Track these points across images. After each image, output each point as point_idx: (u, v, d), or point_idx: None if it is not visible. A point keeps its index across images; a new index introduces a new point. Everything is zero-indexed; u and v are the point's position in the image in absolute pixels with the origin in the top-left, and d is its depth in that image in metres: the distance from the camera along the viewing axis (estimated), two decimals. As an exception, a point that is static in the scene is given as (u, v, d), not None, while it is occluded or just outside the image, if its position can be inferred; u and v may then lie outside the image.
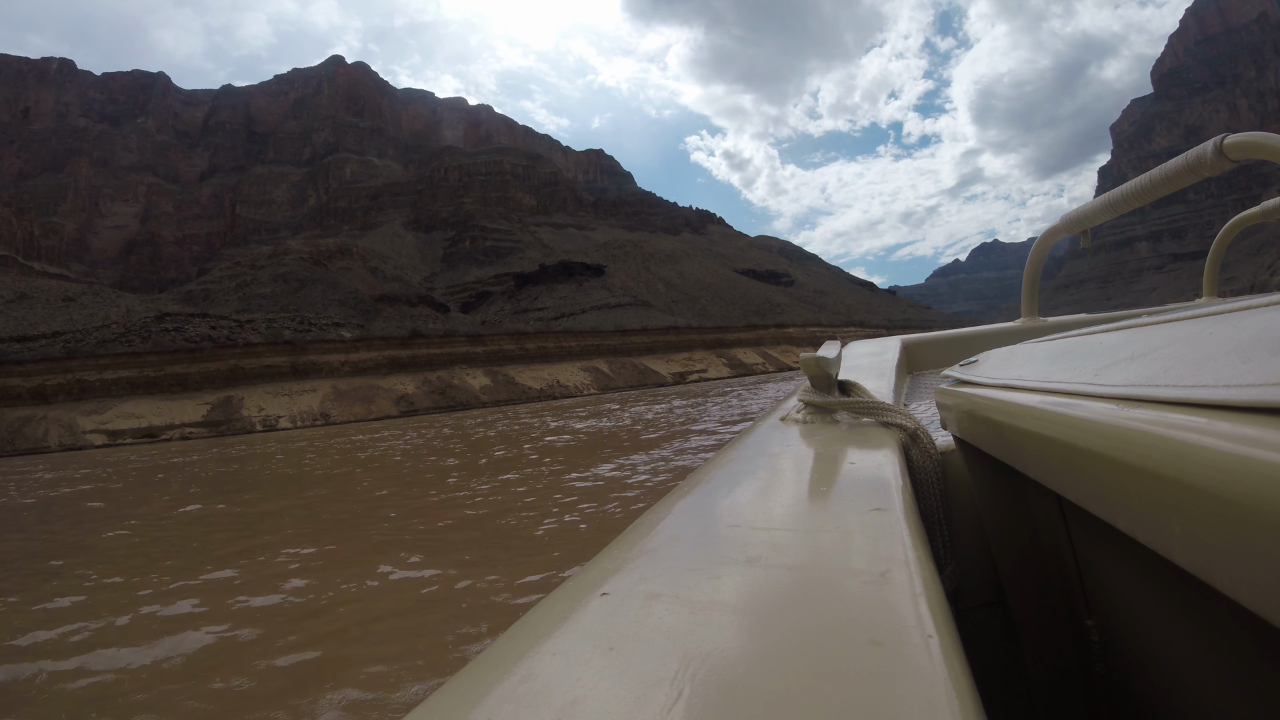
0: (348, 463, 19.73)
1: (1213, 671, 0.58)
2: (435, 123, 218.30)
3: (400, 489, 13.25)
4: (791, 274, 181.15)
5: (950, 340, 3.37)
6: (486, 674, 0.37)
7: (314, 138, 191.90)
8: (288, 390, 55.67)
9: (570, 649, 0.38)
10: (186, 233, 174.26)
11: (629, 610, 0.42)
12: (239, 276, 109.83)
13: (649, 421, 23.94)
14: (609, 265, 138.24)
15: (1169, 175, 2.12)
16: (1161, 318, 0.77)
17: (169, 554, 8.86)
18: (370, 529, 9.33)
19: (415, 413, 56.23)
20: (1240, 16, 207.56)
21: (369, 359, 64.04)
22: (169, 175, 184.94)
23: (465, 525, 9.08)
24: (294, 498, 13.41)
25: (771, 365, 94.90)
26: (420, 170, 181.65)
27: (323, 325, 69.72)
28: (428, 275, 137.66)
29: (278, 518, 11.03)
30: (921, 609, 0.39)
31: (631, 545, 0.56)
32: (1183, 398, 0.44)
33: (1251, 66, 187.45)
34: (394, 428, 37.55)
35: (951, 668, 0.33)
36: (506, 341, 77.47)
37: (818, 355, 1.05)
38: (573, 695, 0.33)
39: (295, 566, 7.55)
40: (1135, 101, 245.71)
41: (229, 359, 57.39)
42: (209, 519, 11.59)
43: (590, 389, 72.53)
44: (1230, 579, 0.35)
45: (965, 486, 1.17)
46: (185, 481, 18.36)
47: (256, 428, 49.85)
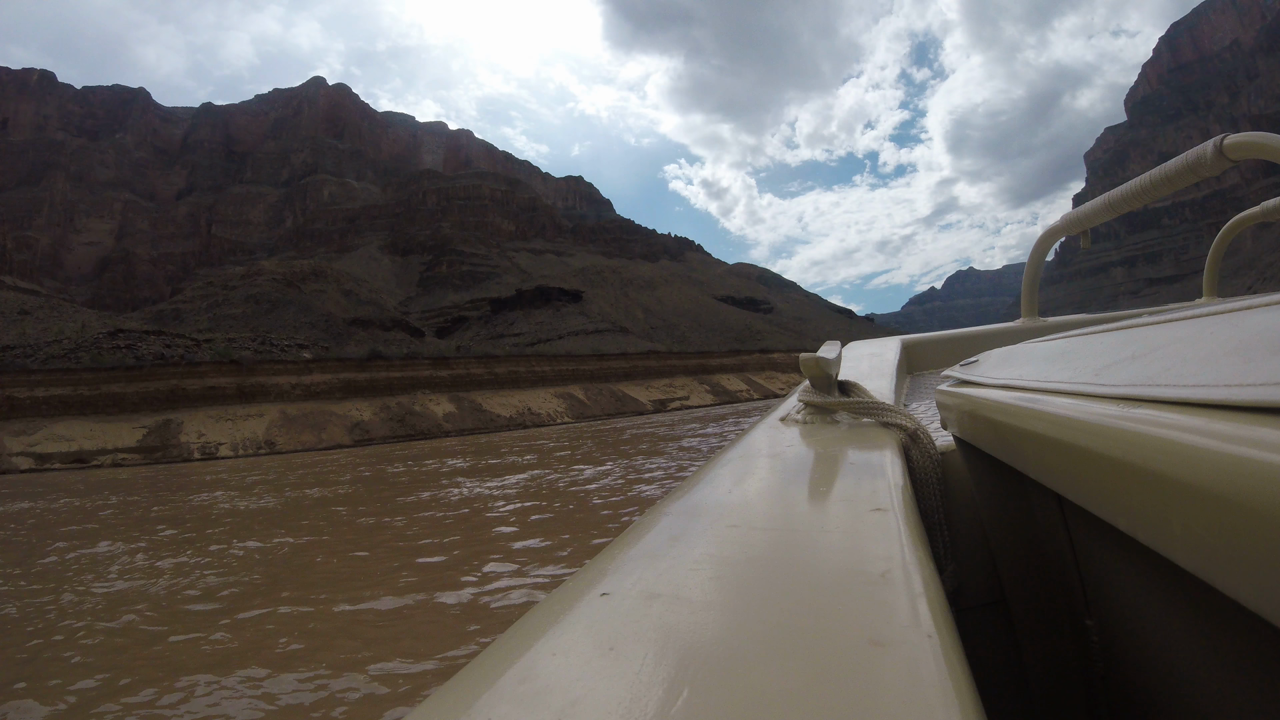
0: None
1: (1213, 671, 0.58)
2: (415, 146, 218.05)
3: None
4: (770, 301, 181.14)
5: (950, 340, 3.38)
6: (486, 674, 0.36)
7: (293, 158, 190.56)
8: (231, 414, 52.35)
9: (570, 649, 0.38)
10: (162, 251, 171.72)
11: (629, 610, 0.42)
12: (210, 297, 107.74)
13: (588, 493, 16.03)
14: (587, 291, 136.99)
15: (1169, 175, 2.13)
16: (1161, 318, 0.77)
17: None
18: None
19: (370, 441, 52.76)
20: (1213, 44, 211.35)
21: (323, 382, 60.11)
22: (146, 193, 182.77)
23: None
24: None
25: (756, 392, 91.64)
26: (398, 193, 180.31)
27: (284, 346, 67.50)
28: (403, 300, 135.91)
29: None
30: (921, 609, 0.39)
31: (631, 545, 0.56)
32: (1183, 398, 0.44)
33: (1224, 93, 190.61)
34: (289, 468, 34.22)
35: (951, 668, 0.33)
36: (474, 365, 73.87)
37: (818, 355, 1.05)
38: (572, 695, 0.33)
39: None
40: (1109, 129, 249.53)
41: (169, 379, 53.61)
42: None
43: (564, 417, 69.33)
44: (1230, 579, 0.35)
45: (965, 486, 1.16)
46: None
47: (194, 455, 46.99)
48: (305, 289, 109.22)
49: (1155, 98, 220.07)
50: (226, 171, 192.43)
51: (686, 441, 27.93)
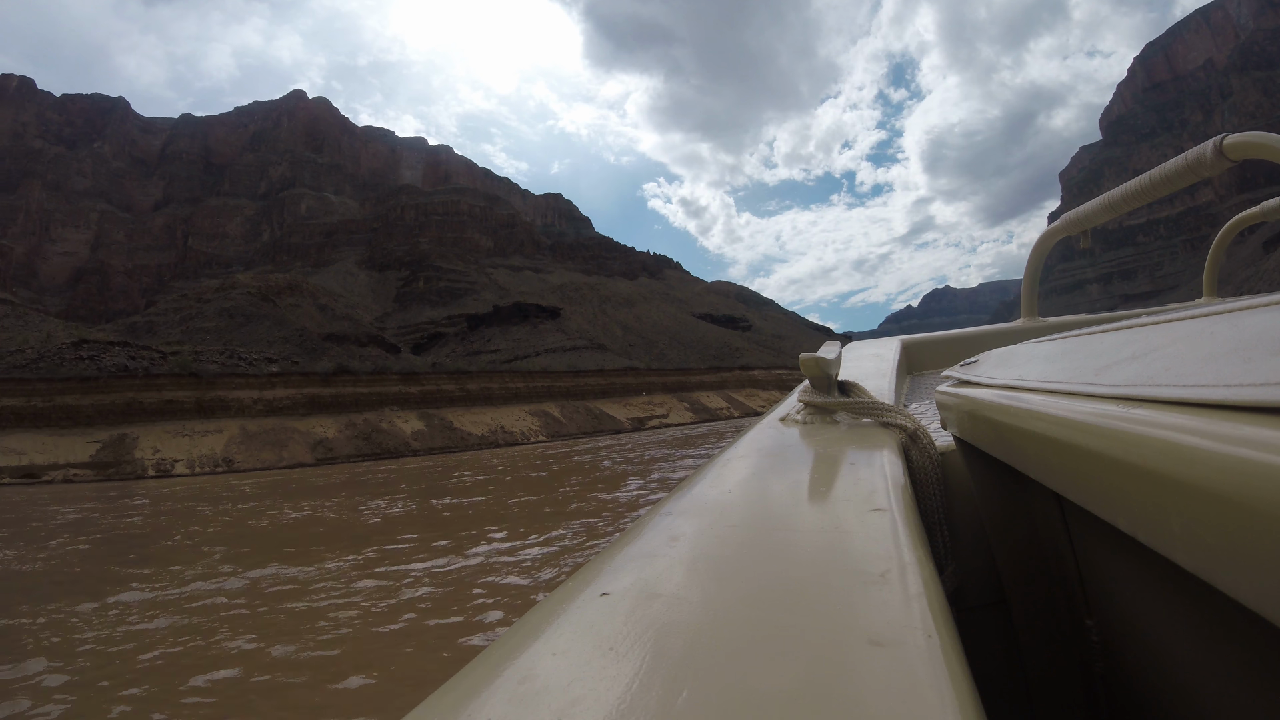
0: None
1: (1213, 671, 0.58)
2: (394, 161, 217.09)
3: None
4: (749, 319, 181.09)
5: (950, 340, 3.37)
6: (486, 674, 0.36)
7: (271, 171, 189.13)
8: (189, 430, 50.83)
9: (570, 649, 0.38)
10: (137, 263, 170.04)
11: (629, 610, 0.42)
12: (184, 310, 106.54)
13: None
14: (565, 308, 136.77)
15: (1169, 175, 2.11)
16: (1161, 318, 0.77)
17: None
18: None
19: (333, 460, 51.49)
20: (1187, 64, 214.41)
21: (286, 397, 58.30)
22: (122, 203, 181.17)
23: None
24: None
25: (737, 410, 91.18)
26: (376, 208, 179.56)
27: (252, 360, 66.61)
28: (380, 315, 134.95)
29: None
30: (921, 609, 0.39)
31: (630, 545, 0.56)
32: (1183, 398, 0.44)
33: (1198, 111, 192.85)
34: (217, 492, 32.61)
35: (951, 668, 0.33)
36: (445, 381, 72.36)
37: (818, 355, 1.05)
38: (572, 695, 0.33)
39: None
40: (1084, 148, 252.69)
41: (126, 391, 51.91)
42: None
43: (539, 435, 68.29)
44: (1230, 579, 0.35)
45: (965, 487, 1.16)
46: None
47: (149, 472, 45.63)
48: (280, 303, 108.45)
49: (1130, 117, 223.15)
50: (204, 183, 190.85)
51: (657, 474, 23.42)
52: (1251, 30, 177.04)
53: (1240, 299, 0.83)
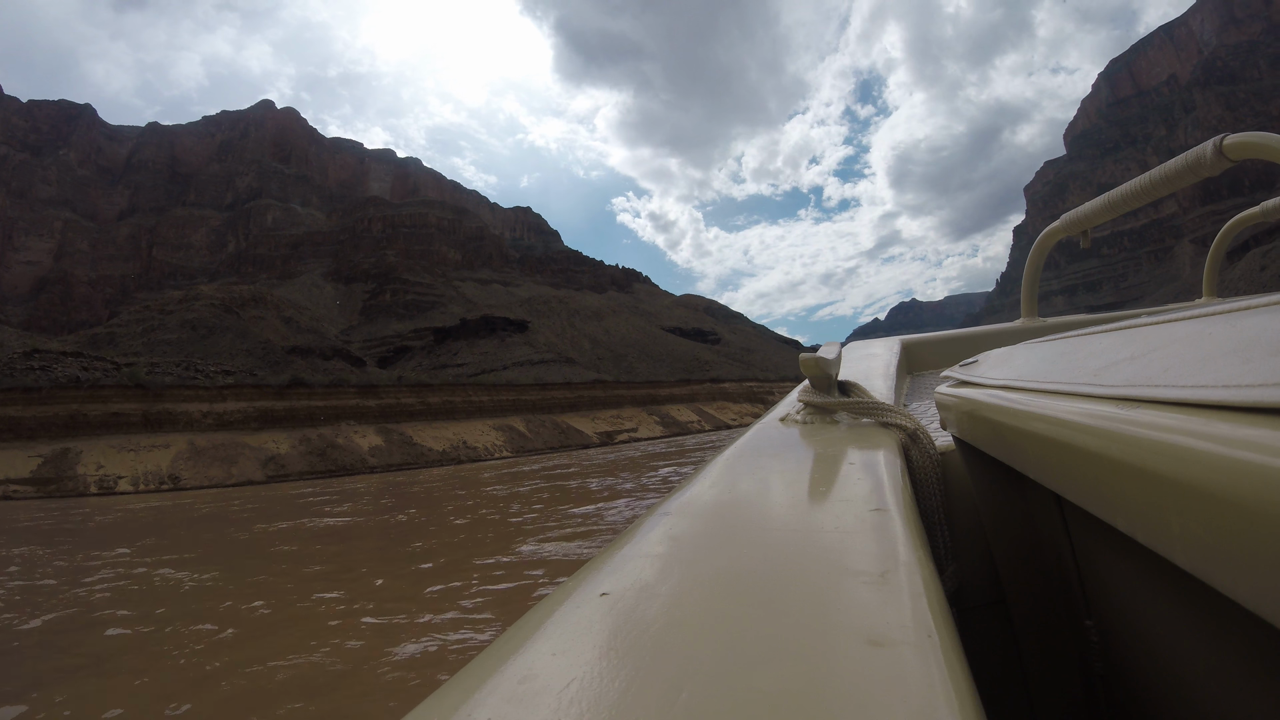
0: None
1: (1212, 671, 0.58)
2: (363, 173, 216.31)
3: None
4: (718, 332, 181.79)
5: (950, 340, 3.38)
6: (486, 673, 0.36)
7: (237, 182, 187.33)
8: (135, 444, 49.31)
9: (569, 649, 0.38)
10: (101, 273, 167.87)
11: (628, 610, 0.42)
12: (146, 321, 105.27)
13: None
14: (533, 321, 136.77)
15: (1169, 175, 2.10)
16: (1161, 318, 0.77)
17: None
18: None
19: (285, 478, 50.25)
20: (1151, 79, 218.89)
21: (237, 410, 56.63)
22: (87, 212, 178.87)
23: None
24: None
25: (708, 424, 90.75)
26: (344, 220, 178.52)
27: (210, 373, 65.92)
28: (345, 328, 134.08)
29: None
30: (921, 609, 0.39)
31: (630, 545, 0.56)
32: (1182, 398, 0.44)
33: (1162, 126, 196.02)
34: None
35: (951, 668, 0.33)
36: (405, 394, 70.70)
37: (818, 355, 1.05)
38: (571, 695, 0.33)
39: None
40: (1049, 163, 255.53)
41: (70, 403, 50.13)
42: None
43: (504, 450, 66.96)
44: (1230, 579, 0.35)
45: (965, 487, 1.16)
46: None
47: (91, 489, 44.31)
48: (244, 315, 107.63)
49: (1094, 131, 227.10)
50: (170, 193, 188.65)
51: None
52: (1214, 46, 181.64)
53: (1239, 299, 0.82)
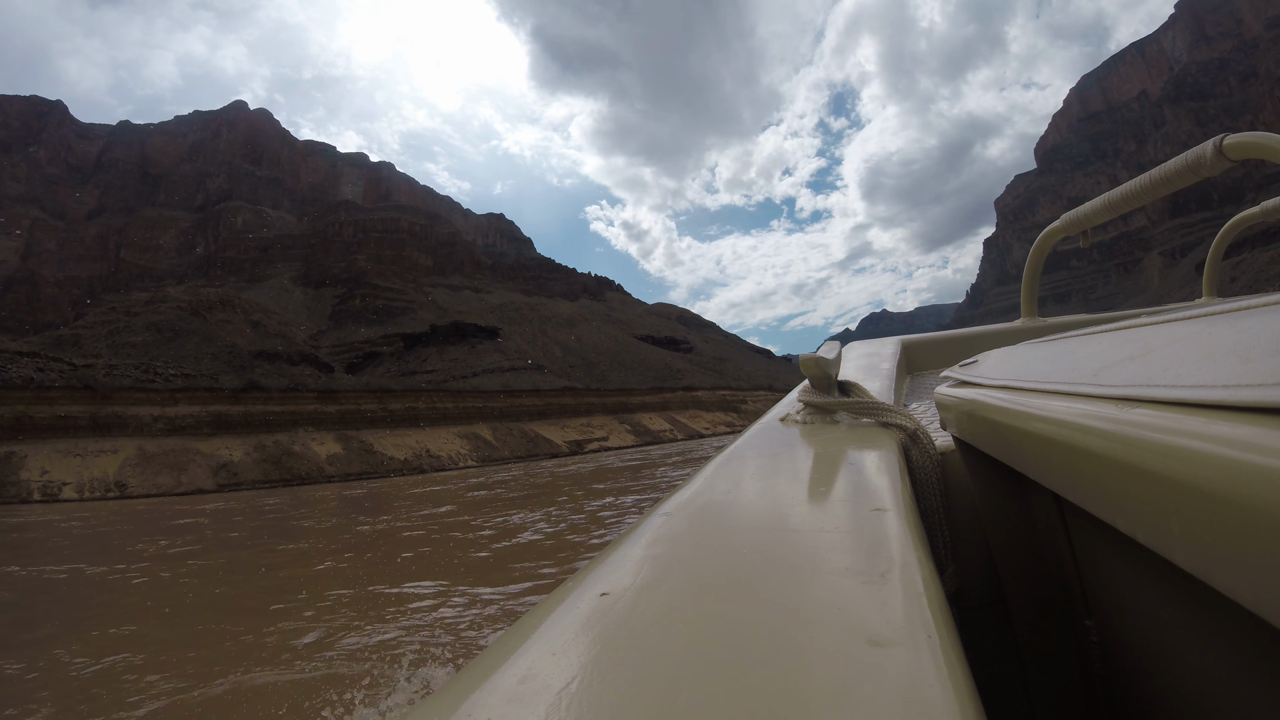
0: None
1: (1213, 672, 0.58)
2: (335, 177, 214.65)
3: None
4: (690, 340, 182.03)
5: (950, 340, 3.40)
6: (486, 673, 0.37)
7: (208, 183, 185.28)
8: (82, 449, 47.48)
9: (569, 648, 0.38)
10: (68, 274, 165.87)
11: (627, 610, 0.43)
12: (112, 323, 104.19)
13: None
14: (504, 328, 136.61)
15: (1169, 175, 2.10)
16: (1161, 318, 0.77)
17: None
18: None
19: (238, 486, 48.64)
20: (1121, 95, 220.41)
21: (189, 415, 54.92)
22: (56, 211, 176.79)
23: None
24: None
25: (681, 432, 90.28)
26: (314, 224, 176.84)
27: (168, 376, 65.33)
28: (314, 333, 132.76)
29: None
30: (921, 609, 0.39)
31: (630, 545, 0.56)
32: (1182, 398, 0.44)
33: (1131, 140, 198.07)
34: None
35: (951, 668, 0.33)
36: (366, 400, 69.63)
37: (818, 355, 1.05)
38: (572, 694, 0.33)
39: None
40: (1019, 176, 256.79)
41: (14, 404, 47.89)
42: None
43: (469, 459, 65.82)
44: (1230, 579, 0.36)
45: (965, 487, 1.16)
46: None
47: (34, 496, 42.69)
48: (211, 318, 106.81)
49: (1065, 146, 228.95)
50: (139, 193, 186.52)
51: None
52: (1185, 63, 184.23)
53: (1239, 299, 0.82)
